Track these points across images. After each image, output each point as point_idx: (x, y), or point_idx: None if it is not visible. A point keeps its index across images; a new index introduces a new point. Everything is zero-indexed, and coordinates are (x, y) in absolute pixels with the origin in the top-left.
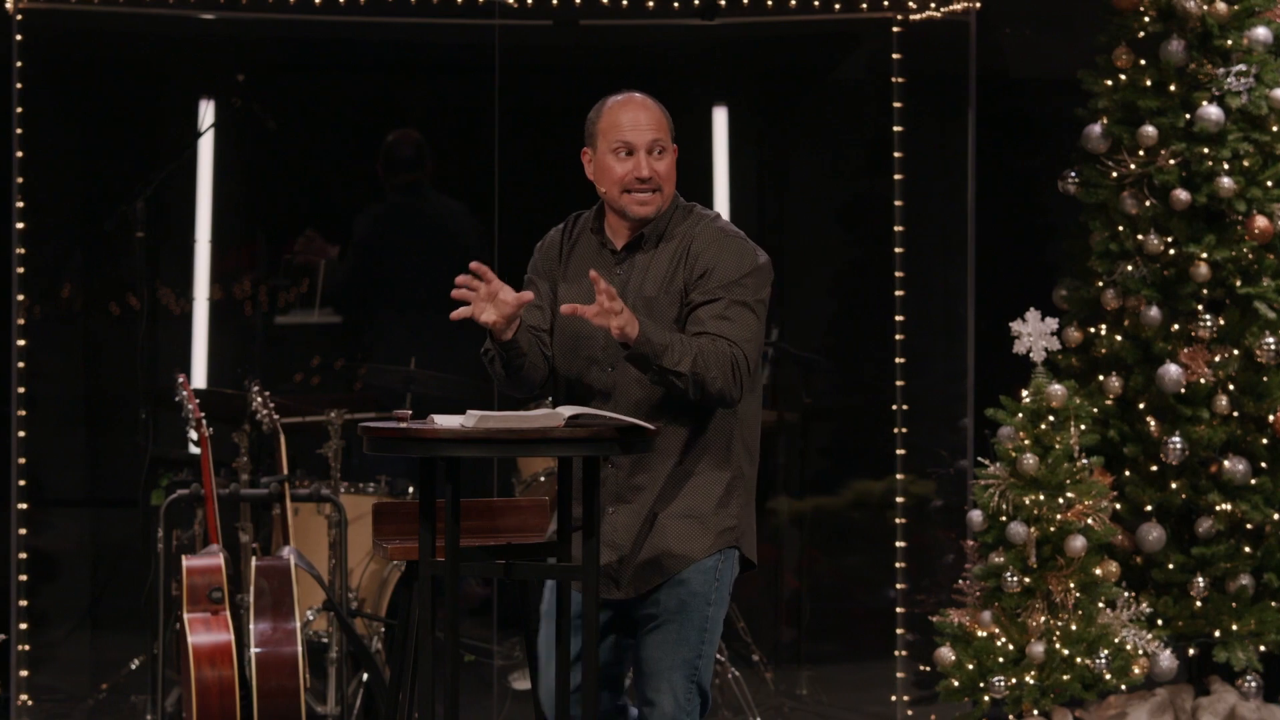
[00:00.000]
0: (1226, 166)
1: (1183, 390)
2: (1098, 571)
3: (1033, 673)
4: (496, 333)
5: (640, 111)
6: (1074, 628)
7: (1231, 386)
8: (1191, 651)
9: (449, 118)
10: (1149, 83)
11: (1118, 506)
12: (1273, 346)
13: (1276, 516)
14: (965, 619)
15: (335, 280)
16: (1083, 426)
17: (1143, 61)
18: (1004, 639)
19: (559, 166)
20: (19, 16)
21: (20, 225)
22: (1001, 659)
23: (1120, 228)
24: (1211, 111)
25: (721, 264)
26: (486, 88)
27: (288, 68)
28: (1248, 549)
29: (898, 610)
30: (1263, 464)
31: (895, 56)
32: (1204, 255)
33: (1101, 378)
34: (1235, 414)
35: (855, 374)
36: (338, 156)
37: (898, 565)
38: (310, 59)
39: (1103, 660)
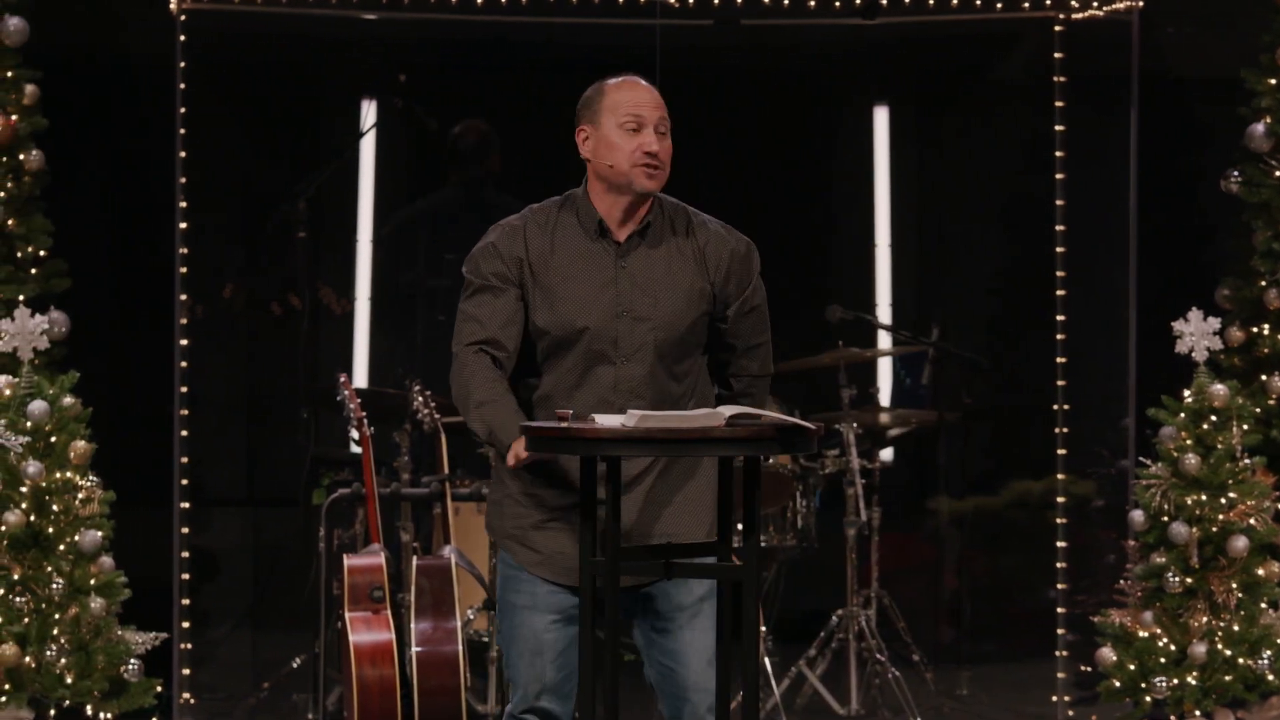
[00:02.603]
0: None
1: None
2: (1260, 572)
3: (1194, 673)
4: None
5: (647, 92)
6: (1236, 628)
7: None
8: None
9: None
10: None
11: None
12: None
13: None
14: (1127, 619)
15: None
16: (1245, 426)
17: None
18: (1165, 639)
19: (719, 167)
20: (183, 17)
21: (183, 225)
22: (1163, 659)
23: None
24: None
25: (748, 273)
26: None
27: (449, 68)
28: None
29: (1058, 610)
30: None
31: (1057, 56)
32: None
33: (1264, 377)
34: None
35: (1016, 374)
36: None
37: (1058, 565)
38: (471, 59)
39: (1265, 661)
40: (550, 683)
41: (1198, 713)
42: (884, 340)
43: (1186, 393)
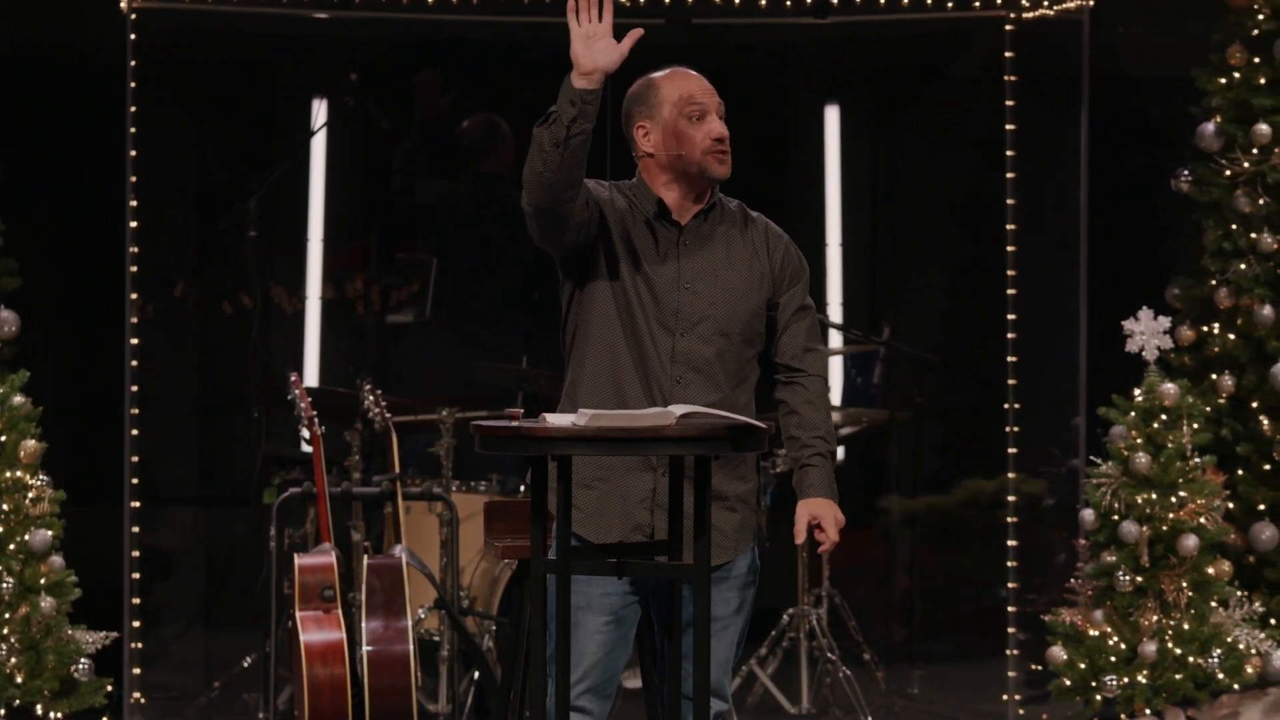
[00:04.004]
0: None
1: None
2: (1210, 571)
3: (1145, 672)
4: (595, 83)
5: (700, 79)
6: (1186, 627)
7: None
8: None
9: None
10: (1263, 81)
11: (1230, 506)
12: None
13: None
14: (1077, 618)
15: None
16: (1195, 425)
17: (1257, 60)
18: (1116, 638)
19: None
20: (133, 16)
21: (134, 224)
22: (1114, 658)
23: (1233, 226)
24: None
25: (801, 269)
26: None
27: (400, 67)
28: None
29: (1009, 609)
30: None
31: (1008, 55)
32: None
33: (1214, 376)
34: None
35: (968, 373)
36: (450, 155)
37: (1009, 564)
38: (423, 58)
39: (1215, 660)
40: (593, 683)
41: (1148, 711)
42: (835, 339)
43: (1137, 392)
